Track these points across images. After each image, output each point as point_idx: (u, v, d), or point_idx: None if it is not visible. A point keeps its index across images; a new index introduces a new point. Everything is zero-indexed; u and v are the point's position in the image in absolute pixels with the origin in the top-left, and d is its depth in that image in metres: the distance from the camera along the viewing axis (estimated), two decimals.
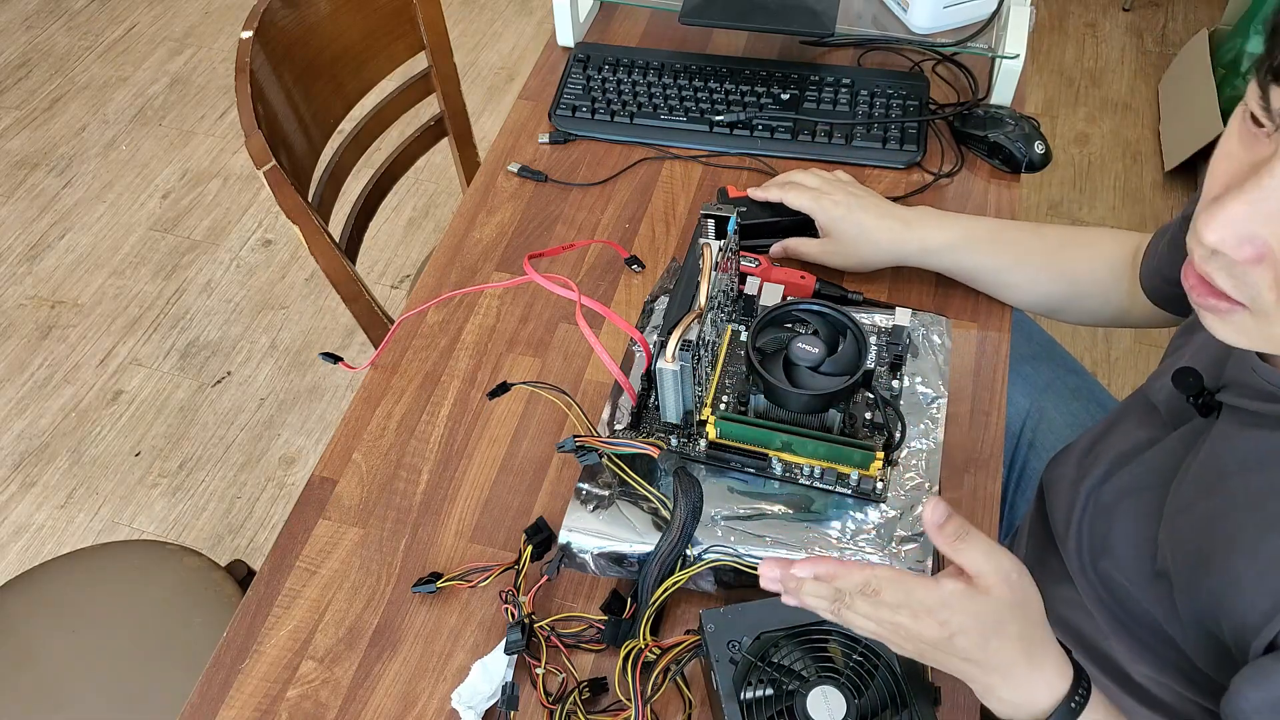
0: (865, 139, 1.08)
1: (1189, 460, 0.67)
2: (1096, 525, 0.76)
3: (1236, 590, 0.59)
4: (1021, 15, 1.06)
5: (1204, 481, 0.64)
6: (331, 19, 1.18)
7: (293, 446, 1.84)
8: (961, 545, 0.55)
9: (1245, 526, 0.59)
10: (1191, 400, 0.66)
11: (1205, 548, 0.62)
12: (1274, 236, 0.48)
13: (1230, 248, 0.49)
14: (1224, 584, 0.60)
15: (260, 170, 0.98)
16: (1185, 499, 0.65)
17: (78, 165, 2.34)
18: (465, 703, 0.72)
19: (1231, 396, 0.64)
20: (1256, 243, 0.49)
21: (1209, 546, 0.62)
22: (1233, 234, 0.49)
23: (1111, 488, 0.75)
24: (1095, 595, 0.76)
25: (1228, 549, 0.60)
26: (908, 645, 0.57)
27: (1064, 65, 2.47)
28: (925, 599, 0.55)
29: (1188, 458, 0.67)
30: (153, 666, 1.04)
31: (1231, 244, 0.49)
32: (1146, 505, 0.70)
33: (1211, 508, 0.62)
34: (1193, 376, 0.66)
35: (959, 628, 0.55)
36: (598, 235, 1.04)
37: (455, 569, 0.80)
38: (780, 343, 0.76)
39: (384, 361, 0.94)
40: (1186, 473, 0.67)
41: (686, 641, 0.71)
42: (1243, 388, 0.63)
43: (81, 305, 2.07)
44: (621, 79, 1.15)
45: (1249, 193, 0.48)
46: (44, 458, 1.84)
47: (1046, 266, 0.90)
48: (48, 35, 2.67)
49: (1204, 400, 0.66)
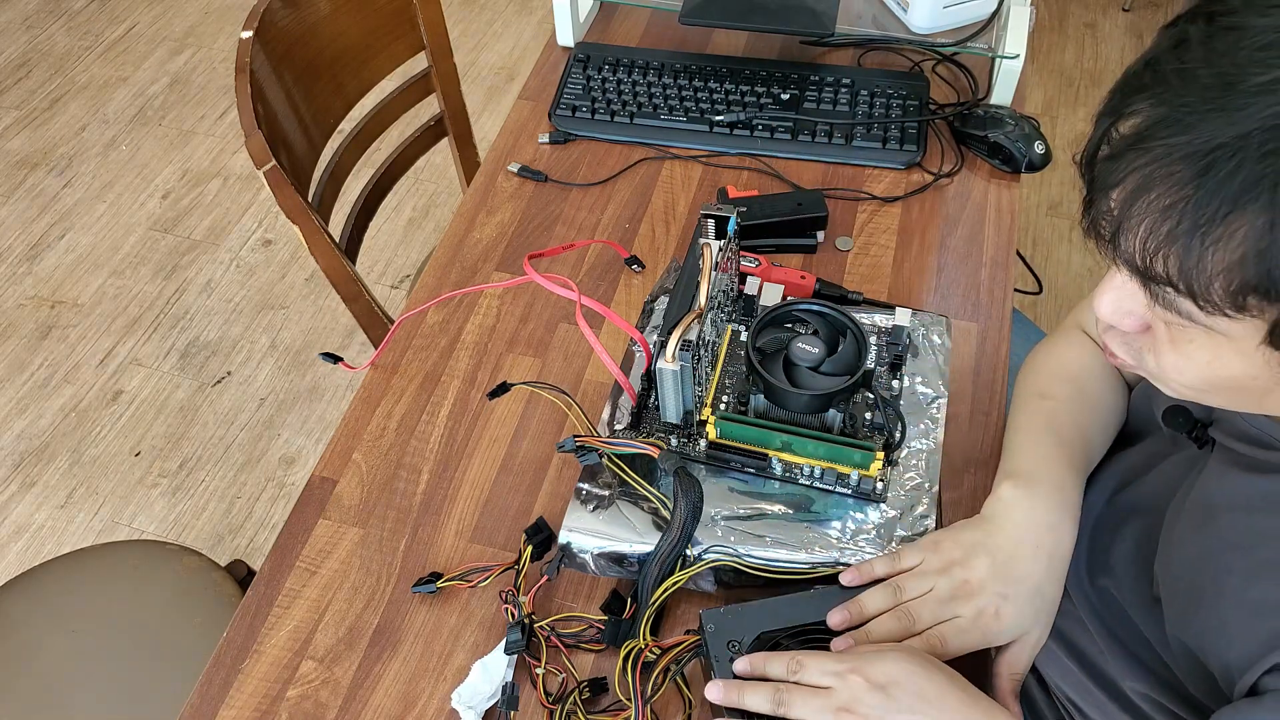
0: (865, 139, 1.08)
1: (1185, 490, 0.67)
2: (1098, 541, 0.75)
3: (1223, 631, 0.58)
4: (1021, 15, 1.06)
5: (1196, 517, 0.64)
6: (331, 19, 1.18)
7: (293, 446, 1.84)
8: None
9: (1234, 569, 0.59)
10: (1186, 434, 0.67)
11: (1196, 584, 0.62)
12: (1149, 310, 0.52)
13: (1117, 320, 0.55)
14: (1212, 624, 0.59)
15: (260, 170, 0.98)
16: (1179, 533, 0.65)
17: (78, 165, 2.34)
18: (465, 702, 0.72)
19: (1220, 434, 0.64)
20: (1136, 315, 0.54)
21: (1199, 584, 0.61)
22: (1115, 310, 0.54)
23: (1117, 504, 0.75)
24: (1091, 609, 0.75)
25: (1217, 590, 0.60)
26: None
27: (1064, 65, 2.47)
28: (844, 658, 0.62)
29: (1184, 486, 0.67)
30: (153, 666, 1.04)
31: (1116, 317, 0.54)
32: (1148, 529, 0.70)
33: (1203, 545, 0.62)
34: (1182, 416, 0.67)
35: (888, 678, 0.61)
36: (598, 235, 1.04)
37: (455, 569, 0.80)
38: (780, 343, 0.76)
39: (384, 361, 0.94)
40: (1181, 504, 0.66)
41: (686, 641, 0.71)
42: (1230, 426, 0.63)
43: (81, 305, 2.07)
44: (621, 79, 1.15)
45: (1115, 275, 0.53)
46: (44, 458, 1.84)
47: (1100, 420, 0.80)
48: (48, 35, 2.67)
49: (1197, 434, 0.66)
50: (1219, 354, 0.50)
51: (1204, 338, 0.49)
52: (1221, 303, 0.45)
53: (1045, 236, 2.11)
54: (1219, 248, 0.44)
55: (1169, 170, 0.44)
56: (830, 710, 0.60)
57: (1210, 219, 0.43)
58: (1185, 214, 0.44)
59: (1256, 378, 0.50)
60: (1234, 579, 0.59)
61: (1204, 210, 0.43)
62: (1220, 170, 0.43)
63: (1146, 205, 0.45)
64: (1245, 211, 0.43)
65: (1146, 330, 0.54)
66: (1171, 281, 0.46)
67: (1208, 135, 0.43)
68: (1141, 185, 0.46)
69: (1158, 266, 0.46)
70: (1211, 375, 0.51)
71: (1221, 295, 0.45)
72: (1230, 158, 0.43)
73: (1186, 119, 0.44)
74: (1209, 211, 0.43)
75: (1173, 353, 0.52)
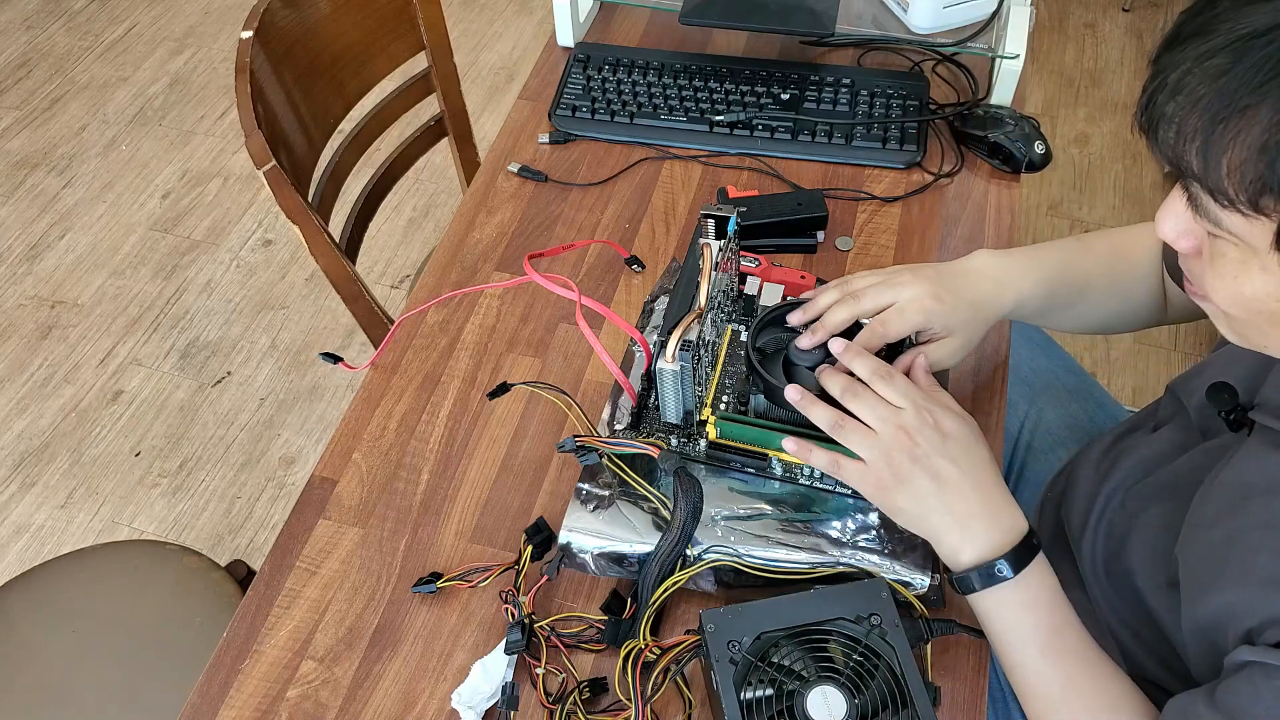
0: (865, 139, 1.08)
1: (1215, 474, 0.66)
2: (1115, 529, 0.75)
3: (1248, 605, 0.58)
4: (1021, 15, 1.06)
5: (1227, 500, 0.64)
6: (331, 19, 1.18)
7: (293, 446, 1.84)
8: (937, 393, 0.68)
9: (1263, 548, 0.59)
10: (1223, 415, 0.67)
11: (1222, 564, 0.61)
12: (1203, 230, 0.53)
13: (1172, 240, 0.55)
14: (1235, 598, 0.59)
15: (260, 170, 0.98)
16: (1207, 515, 0.65)
17: (78, 165, 2.34)
18: (465, 703, 0.72)
19: (1264, 416, 0.64)
20: (1192, 236, 0.54)
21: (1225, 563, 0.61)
22: (1172, 229, 0.55)
23: (1136, 494, 0.75)
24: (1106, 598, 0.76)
25: (1244, 569, 0.60)
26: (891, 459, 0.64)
27: (1064, 65, 2.47)
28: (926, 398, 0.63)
29: (1214, 471, 0.67)
30: (153, 666, 1.04)
31: (1173, 236, 0.55)
32: (1169, 515, 0.70)
33: (1233, 526, 0.62)
34: (1228, 392, 0.67)
35: (955, 433, 0.63)
36: (598, 235, 1.04)
37: (455, 569, 0.80)
38: (780, 343, 0.76)
39: (384, 362, 0.94)
40: (1210, 487, 0.66)
41: (686, 641, 0.71)
42: (1274, 406, 0.63)
43: (81, 305, 2.07)
44: (621, 79, 1.15)
45: (1179, 190, 0.53)
46: (44, 458, 1.84)
47: (1107, 288, 0.85)
48: (48, 35, 2.67)
49: (1235, 416, 0.66)
50: (1244, 267, 0.51)
51: (1233, 250, 0.51)
52: (1238, 199, 0.47)
53: (1045, 236, 2.11)
54: (1238, 140, 0.45)
55: (1210, 62, 0.46)
56: (893, 424, 0.65)
57: (1232, 108, 0.45)
58: (1210, 106, 0.46)
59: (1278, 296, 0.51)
60: (1262, 556, 0.59)
61: (1227, 100, 0.45)
62: (1250, 60, 0.44)
63: (1186, 96, 0.47)
64: (1264, 102, 0.44)
65: (1199, 253, 0.55)
66: (1197, 175, 0.48)
67: (1249, 25, 0.45)
68: (1183, 76, 0.47)
69: (1187, 159, 0.48)
70: (1238, 292, 0.52)
71: (1238, 190, 0.46)
72: (1263, 46, 0.44)
73: (1238, 13, 0.46)
74: (1232, 100, 0.45)
75: (1210, 270, 0.53)
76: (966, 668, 0.74)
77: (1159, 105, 0.49)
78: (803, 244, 1.00)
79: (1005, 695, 0.90)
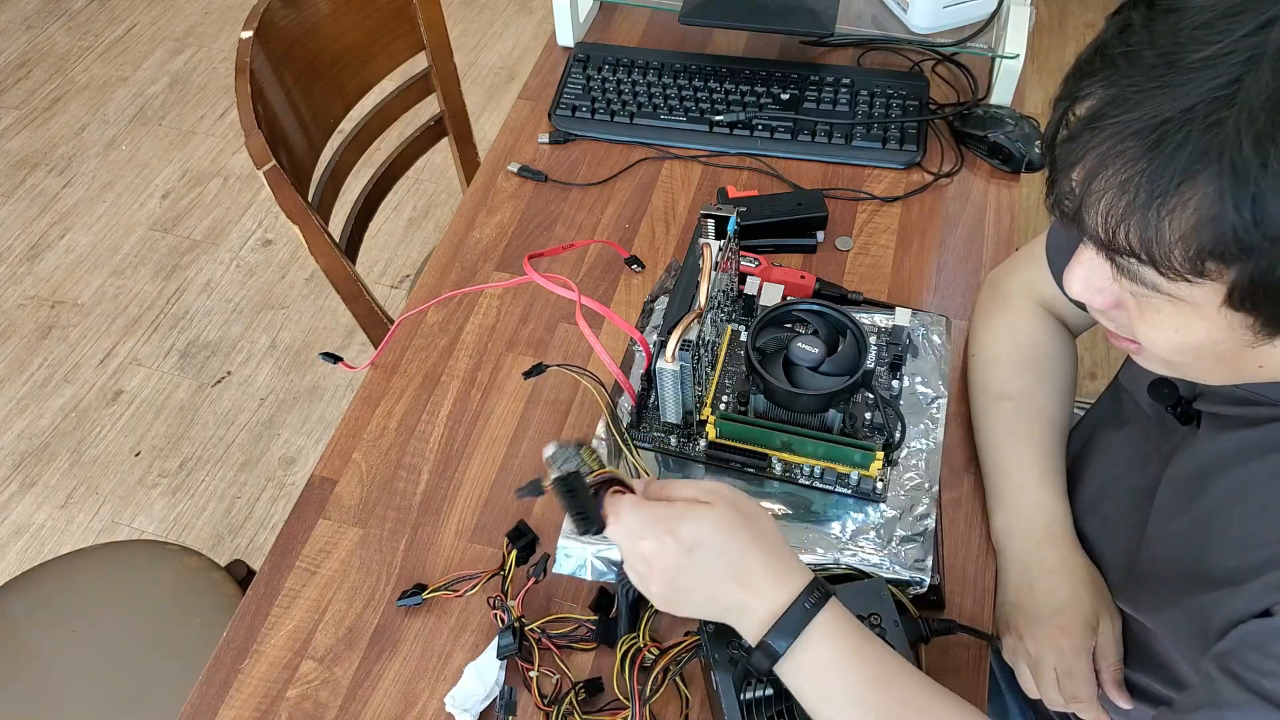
0: (865, 139, 1.08)
1: (1172, 469, 0.68)
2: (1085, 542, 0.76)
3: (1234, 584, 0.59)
4: (1021, 15, 1.06)
5: (1191, 485, 0.65)
6: (331, 19, 1.18)
7: (293, 446, 1.84)
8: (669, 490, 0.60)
9: (1233, 521, 0.60)
10: (1169, 410, 0.68)
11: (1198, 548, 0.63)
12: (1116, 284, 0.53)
13: (1086, 299, 0.56)
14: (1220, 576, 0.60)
15: (260, 170, 0.98)
16: (1176, 505, 0.66)
17: (78, 165, 2.34)
18: (459, 705, 0.72)
19: (1208, 404, 0.65)
20: (1108, 293, 0.55)
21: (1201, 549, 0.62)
22: (1083, 289, 0.56)
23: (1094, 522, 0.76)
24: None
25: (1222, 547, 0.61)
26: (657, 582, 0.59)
27: (1064, 65, 2.46)
28: (661, 515, 0.58)
29: (1170, 466, 0.68)
30: (153, 666, 1.04)
31: (1087, 296, 0.56)
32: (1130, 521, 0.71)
33: (1198, 511, 0.63)
34: (1168, 387, 0.68)
35: (695, 540, 0.57)
36: (598, 235, 1.04)
37: (442, 579, 0.79)
38: (780, 343, 0.76)
39: (384, 361, 0.94)
40: (1170, 482, 0.67)
41: (686, 642, 0.71)
42: (1216, 395, 0.64)
43: (81, 305, 2.07)
44: (621, 79, 1.15)
45: (1083, 253, 0.55)
46: (44, 458, 1.84)
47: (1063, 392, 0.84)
48: (48, 35, 2.67)
49: (1183, 410, 0.67)
50: (1185, 321, 0.51)
51: (1169, 307, 0.51)
52: (1182, 268, 0.47)
53: None
54: (1175, 216, 0.45)
55: (1122, 147, 0.46)
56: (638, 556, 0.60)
57: (1164, 190, 0.45)
58: (1141, 187, 0.46)
59: (1222, 341, 0.51)
60: (1234, 529, 0.60)
61: (1158, 182, 0.45)
62: (1170, 143, 0.44)
63: (1105, 181, 0.47)
64: (1196, 180, 0.44)
65: (1119, 306, 0.56)
66: (1134, 252, 0.48)
67: (1155, 111, 0.45)
68: (1098, 163, 0.47)
69: (1120, 238, 0.48)
70: (1181, 343, 0.53)
71: (1181, 261, 0.47)
72: (1178, 130, 0.44)
73: (1135, 97, 0.46)
74: (1162, 183, 0.45)
75: (1143, 324, 0.54)
76: (966, 668, 0.74)
77: (1078, 190, 0.49)
78: (803, 244, 1.00)
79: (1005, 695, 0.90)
